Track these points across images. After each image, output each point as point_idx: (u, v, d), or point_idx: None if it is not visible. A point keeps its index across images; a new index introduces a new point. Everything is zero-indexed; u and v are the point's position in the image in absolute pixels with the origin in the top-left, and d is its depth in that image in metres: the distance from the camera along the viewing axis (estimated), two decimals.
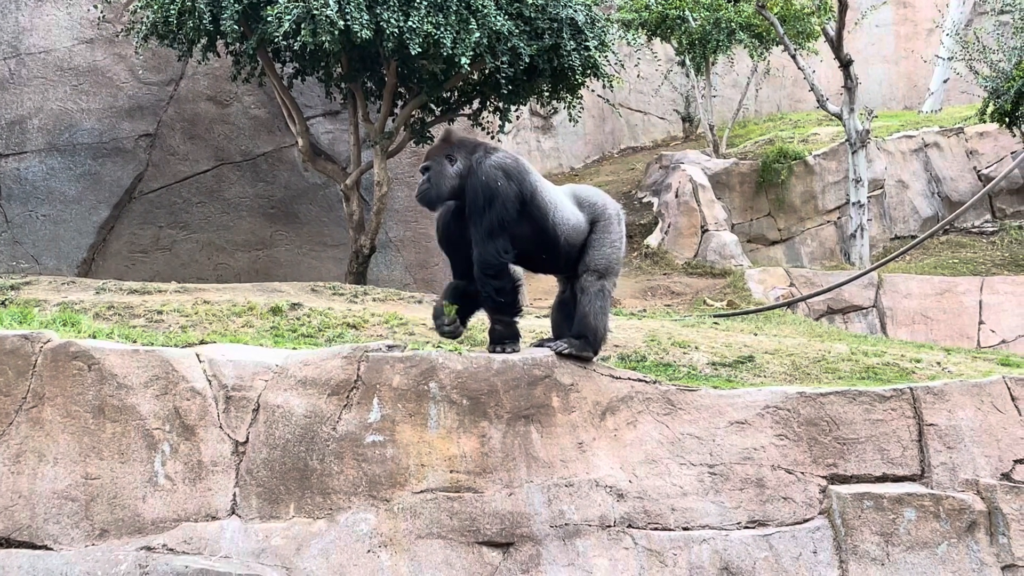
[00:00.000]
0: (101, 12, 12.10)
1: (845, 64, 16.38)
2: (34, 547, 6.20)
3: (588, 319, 6.64)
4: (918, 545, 6.61)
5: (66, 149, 12.33)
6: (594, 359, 6.75)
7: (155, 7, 10.95)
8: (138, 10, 11.36)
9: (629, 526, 6.44)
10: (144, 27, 11.18)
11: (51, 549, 6.19)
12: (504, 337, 6.65)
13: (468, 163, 6.56)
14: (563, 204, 6.68)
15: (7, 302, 8.78)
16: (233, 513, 6.25)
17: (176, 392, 6.34)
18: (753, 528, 6.57)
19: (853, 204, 16.63)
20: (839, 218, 17.68)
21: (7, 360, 6.38)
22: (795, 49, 17.11)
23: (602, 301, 6.65)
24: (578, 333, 6.66)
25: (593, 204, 6.80)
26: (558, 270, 6.88)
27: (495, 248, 6.43)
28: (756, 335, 9.62)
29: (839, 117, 16.76)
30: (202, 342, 7.04)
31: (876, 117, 18.16)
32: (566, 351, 6.61)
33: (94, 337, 6.85)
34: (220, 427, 6.32)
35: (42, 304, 8.65)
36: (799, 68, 17.08)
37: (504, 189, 6.42)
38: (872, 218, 17.35)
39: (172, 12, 10.75)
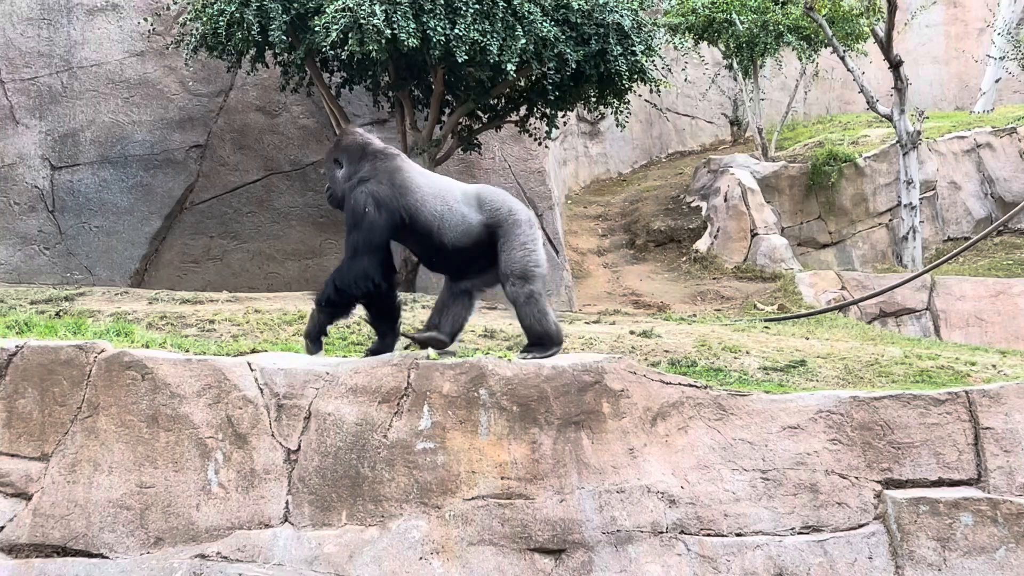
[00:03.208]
0: (151, 25, 12.24)
1: (895, 65, 16.22)
2: (90, 555, 6.26)
3: (534, 328, 6.63)
4: (975, 550, 6.53)
5: (118, 161, 12.47)
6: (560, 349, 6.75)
7: (204, 19, 11.07)
8: (188, 22, 11.48)
9: (681, 532, 6.41)
10: (194, 39, 11.30)
11: (107, 557, 6.24)
12: (376, 350, 6.72)
13: (351, 172, 6.67)
14: (450, 212, 6.57)
15: (62, 313, 8.89)
16: (286, 521, 6.28)
17: (228, 401, 6.38)
18: (807, 534, 6.51)
19: (905, 206, 16.47)
20: (891, 220, 17.52)
21: (62, 370, 6.45)
22: (844, 51, 16.96)
23: (533, 306, 6.57)
24: (532, 343, 6.67)
25: (495, 209, 6.62)
26: (458, 271, 6.80)
27: (356, 270, 6.45)
28: (808, 339, 9.55)
29: (889, 119, 16.60)
30: (253, 351, 7.08)
31: (927, 118, 17.97)
32: (527, 358, 6.60)
33: (147, 347, 6.91)
34: (272, 435, 6.36)
35: (96, 314, 8.75)
36: (848, 70, 16.94)
37: (371, 217, 6.47)
38: (924, 220, 17.17)
39: (221, 24, 10.85)
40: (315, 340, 6.71)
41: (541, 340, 6.66)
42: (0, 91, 12.25)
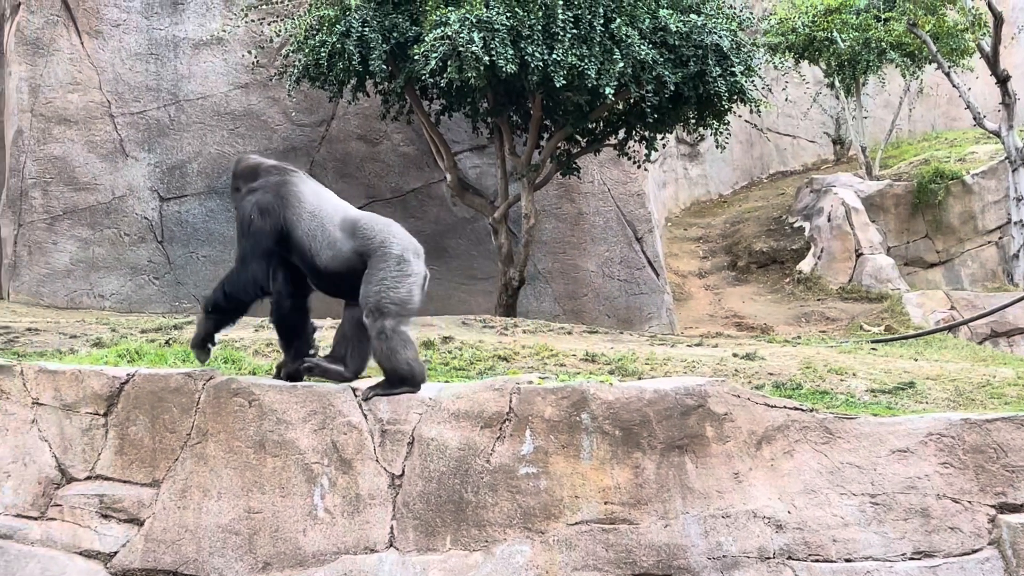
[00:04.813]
0: (255, 58, 12.48)
1: (1002, 80, 15.88)
2: None
3: (383, 364, 6.47)
4: None
5: (224, 191, 12.70)
6: (416, 391, 6.52)
7: (306, 51, 11.26)
8: (290, 54, 11.69)
9: (789, 558, 6.31)
10: (296, 70, 11.50)
11: None
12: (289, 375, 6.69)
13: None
14: (323, 233, 6.56)
15: (171, 341, 9.06)
16: (391, 546, 6.31)
17: (333, 427, 6.44)
18: (919, 559, 6.37)
19: (1015, 223, 16.08)
20: (1000, 238, 17.13)
21: (172, 398, 6.58)
22: (949, 66, 16.65)
23: (384, 342, 6.39)
24: (384, 378, 6.54)
25: (368, 239, 6.54)
26: (339, 294, 6.76)
27: (245, 277, 6.57)
28: (916, 360, 9.37)
29: (997, 134, 16.24)
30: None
31: None
32: (370, 395, 6.48)
33: (254, 374, 7.02)
34: (376, 460, 6.40)
35: None
36: (953, 86, 16.62)
37: (257, 225, 6.60)
38: None
39: (323, 55, 11.03)
40: (202, 347, 6.71)
41: (389, 376, 6.49)
42: (111, 125, 12.57)
